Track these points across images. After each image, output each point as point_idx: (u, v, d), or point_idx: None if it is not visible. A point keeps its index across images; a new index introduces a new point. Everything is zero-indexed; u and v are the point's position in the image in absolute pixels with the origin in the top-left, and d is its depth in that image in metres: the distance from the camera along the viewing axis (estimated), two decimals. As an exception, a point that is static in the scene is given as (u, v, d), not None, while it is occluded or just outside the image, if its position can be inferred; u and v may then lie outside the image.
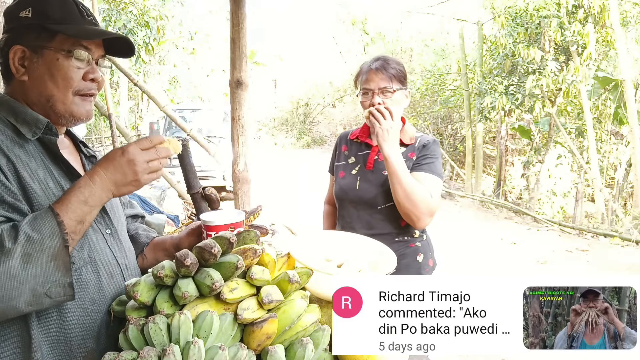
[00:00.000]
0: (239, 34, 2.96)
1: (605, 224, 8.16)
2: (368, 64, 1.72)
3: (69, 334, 0.92)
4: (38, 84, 0.97)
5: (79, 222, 0.85)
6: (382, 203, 1.68)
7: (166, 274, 0.89)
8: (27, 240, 0.78)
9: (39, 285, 0.79)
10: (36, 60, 0.96)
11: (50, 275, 0.80)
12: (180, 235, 1.20)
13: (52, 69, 0.96)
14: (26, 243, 0.78)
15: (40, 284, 0.80)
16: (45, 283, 0.80)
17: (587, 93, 8.71)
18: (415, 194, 1.55)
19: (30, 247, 0.78)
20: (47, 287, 0.80)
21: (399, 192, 1.56)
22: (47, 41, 0.96)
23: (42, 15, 0.95)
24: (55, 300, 0.82)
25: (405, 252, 1.71)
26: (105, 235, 1.04)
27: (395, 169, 1.54)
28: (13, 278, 0.77)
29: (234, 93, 3.07)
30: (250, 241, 1.00)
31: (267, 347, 0.88)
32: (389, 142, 1.56)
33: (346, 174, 1.78)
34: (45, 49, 0.95)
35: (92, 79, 1.00)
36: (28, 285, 0.78)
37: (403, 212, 1.59)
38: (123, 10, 6.82)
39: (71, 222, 0.84)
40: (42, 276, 0.80)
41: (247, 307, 0.89)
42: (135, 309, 0.91)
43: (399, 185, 1.55)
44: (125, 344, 0.84)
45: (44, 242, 0.79)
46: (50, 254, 0.80)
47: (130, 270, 1.08)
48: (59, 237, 0.81)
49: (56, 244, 0.81)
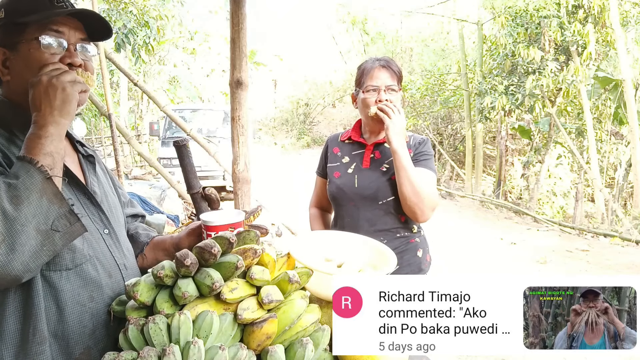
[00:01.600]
0: (239, 34, 2.96)
1: (605, 224, 8.16)
2: (372, 62, 1.74)
3: (67, 330, 0.92)
4: (20, 80, 0.97)
5: (46, 154, 0.85)
6: (382, 198, 1.70)
7: (166, 274, 0.89)
8: (8, 186, 0.79)
9: (42, 223, 0.80)
10: (14, 57, 0.97)
11: (47, 210, 0.81)
12: (180, 235, 1.20)
13: (28, 61, 0.96)
14: (8, 189, 0.79)
15: (43, 221, 0.80)
16: (47, 219, 0.81)
17: (587, 93, 8.72)
18: (422, 188, 1.59)
19: (14, 190, 0.79)
20: (51, 221, 0.81)
21: (406, 186, 1.58)
22: (19, 35, 0.96)
23: (13, 13, 0.96)
24: (66, 232, 0.83)
25: (406, 248, 1.74)
26: (104, 235, 1.04)
27: (403, 163, 1.58)
28: (13, 222, 0.77)
29: (234, 93, 3.06)
30: (250, 241, 1.00)
31: (267, 347, 0.88)
32: (399, 136, 1.60)
33: (342, 174, 1.79)
34: (19, 43, 0.96)
35: (69, 63, 0.98)
36: (31, 225, 0.79)
37: (408, 205, 1.61)
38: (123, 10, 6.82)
39: (40, 157, 0.84)
40: (40, 214, 0.80)
41: (247, 307, 0.89)
42: (135, 309, 0.91)
43: (407, 179, 1.58)
44: (125, 344, 0.84)
45: (25, 182, 0.80)
46: (37, 190, 0.80)
47: (129, 270, 1.08)
48: (36, 172, 0.81)
49: (37, 179, 0.81)
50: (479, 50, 11.16)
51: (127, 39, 6.77)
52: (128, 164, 11.90)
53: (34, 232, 0.79)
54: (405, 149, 1.61)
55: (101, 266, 1.00)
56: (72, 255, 0.94)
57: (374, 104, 1.68)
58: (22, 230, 0.78)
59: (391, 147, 1.60)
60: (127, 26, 6.70)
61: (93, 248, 0.99)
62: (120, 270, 1.05)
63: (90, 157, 1.14)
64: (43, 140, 0.86)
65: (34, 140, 0.85)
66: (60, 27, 0.98)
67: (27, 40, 0.95)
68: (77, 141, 1.14)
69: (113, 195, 1.18)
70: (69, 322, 0.92)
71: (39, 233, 0.80)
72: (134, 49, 7.17)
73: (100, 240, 1.02)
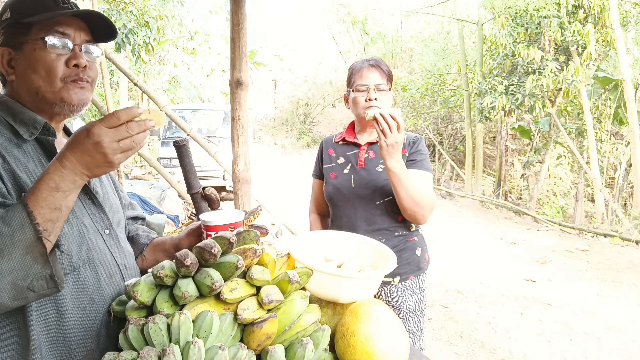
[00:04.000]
0: (239, 34, 2.96)
1: (605, 224, 8.15)
2: (362, 63, 1.76)
3: (68, 334, 0.92)
4: (24, 80, 0.97)
5: (54, 209, 0.79)
6: (379, 198, 1.71)
7: (166, 274, 0.89)
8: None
9: (20, 280, 0.76)
10: (19, 57, 0.97)
11: (28, 268, 0.77)
12: (180, 236, 1.20)
13: (33, 61, 0.96)
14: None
15: (21, 278, 0.76)
16: (26, 277, 0.77)
17: (587, 93, 8.71)
18: (420, 195, 1.59)
19: (1, 242, 0.75)
20: (29, 280, 0.77)
21: (405, 199, 1.58)
22: (24, 36, 0.96)
23: (18, 13, 0.96)
24: (40, 293, 0.80)
25: (405, 247, 1.75)
26: (104, 236, 1.04)
27: (400, 179, 1.54)
28: None
29: (234, 93, 3.06)
30: (250, 241, 1.00)
31: (267, 347, 0.88)
32: (394, 156, 1.50)
33: (338, 174, 1.79)
34: (24, 43, 0.96)
35: (75, 64, 0.98)
36: (7, 279, 0.75)
37: (409, 214, 1.62)
38: (123, 10, 6.82)
39: (44, 211, 0.78)
40: (20, 270, 0.76)
41: (247, 307, 0.89)
42: (135, 309, 0.91)
43: (405, 193, 1.57)
44: (125, 344, 0.84)
45: (14, 235, 0.76)
46: (23, 246, 0.76)
47: (129, 271, 1.08)
48: (29, 228, 0.76)
49: (28, 236, 0.76)
50: (479, 50, 11.15)
51: (127, 39, 6.77)
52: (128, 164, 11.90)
53: (8, 286, 0.76)
54: (401, 166, 1.54)
55: (101, 267, 0.99)
56: (69, 260, 0.93)
57: (364, 103, 1.69)
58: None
59: (385, 165, 1.54)
60: (127, 26, 6.70)
61: (93, 249, 0.99)
62: (121, 270, 1.05)
63: None
64: (59, 195, 0.80)
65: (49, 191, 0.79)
66: (65, 28, 0.98)
67: (32, 41, 0.96)
68: None
69: (114, 197, 1.18)
70: (70, 327, 0.92)
71: (14, 287, 0.76)
72: (134, 49, 7.17)
73: (100, 241, 1.02)
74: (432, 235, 1.92)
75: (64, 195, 0.80)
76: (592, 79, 8.54)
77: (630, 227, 7.19)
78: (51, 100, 0.98)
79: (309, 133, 22.17)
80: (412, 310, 1.75)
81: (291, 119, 23.10)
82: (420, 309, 1.77)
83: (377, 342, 0.97)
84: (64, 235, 0.93)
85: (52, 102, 0.98)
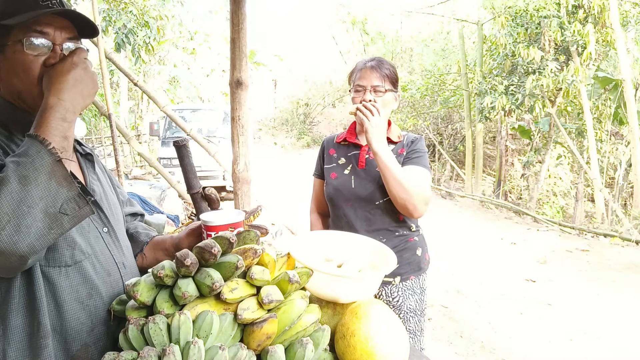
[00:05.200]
0: (239, 34, 2.96)
1: (605, 224, 8.15)
2: (363, 63, 1.76)
3: (65, 326, 0.92)
4: (7, 83, 0.96)
5: (63, 137, 0.84)
6: (379, 198, 1.70)
7: (166, 273, 0.89)
8: (17, 165, 0.77)
9: (50, 206, 0.78)
10: (2, 60, 0.95)
11: (55, 192, 0.79)
12: (180, 235, 1.19)
13: (13, 63, 0.94)
14: (17, 167, 0.76)
15: (51, 204, 0.78)
16: (55, 201, 0.78)
17: (587, 93, 8.71)
18: (408, 184, 1.58)
19: (23, 169, 0.76)
20: (59, 204, 0.79)
21: (392, 184, 1.58)
22: (5, 38, 0.94)
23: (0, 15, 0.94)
24: (74, 216, 0.81)
25: (405, 247, 1.75)
26: (102, 234, 1.03)
27: (385, 163, 1.57)
28: (20, 202, 0.75)
29: (234, 93, 3.07)
30: (250, 241, 1.00)
31: (267, 347, 0.88)
32: (377, 138, 1.59)
33: (339, 175, 1.79)
34: (5, 46, 0.94)
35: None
36: (38, 207, 0.76)
37: (399, 203, 1.61)
38: (123, 10, 6.82)
39: (56, 139, 0.82)
40: (48, 196, 0.78)
41: (247, 307, 0.89)
42: (135, 308, 0.91)
43: (392, 177, 1.57)
44: (125, 344, 0.84)
45: (35, 162, 0.77)
46: (46, 171, 0.78)
47: (128, 269, 1.08)
48: (47, 153, 0.79)
49: (47, 161, 0.79)
50: (479, 50, 11.16)
51: (127, 39, 6.77)
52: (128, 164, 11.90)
53: (41, 215, 0.77)
54: (386, 149, 1.59)
55: (100, 265, 1.00)
56: (71, 252, 0.93)
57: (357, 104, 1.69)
58: (28, 212, 0.75)
59: (371, 149, 1.60)
60: (127, 26, 6.70)
61: (92, 246, 0.99)
62: (119, 268, 1.05)
63: (89, 156, 1.14)
64: (66, 125, 0.85)
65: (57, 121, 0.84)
66: (44, 27, 0.95)
67: (13, 42, 0.93)
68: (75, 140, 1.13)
69: (112, 194, 1.18)
70: (67, 319, 0.92)
71: (47, 215, 0.78)
72: (134, 49, 7.17)
73: (99, 239, 1.02)
74: (432, 236, 1.92)
75: (69, 126, 0.86)
76: (592, 79, 8.54)
77: (630, 227, 7.19)
78: (32, 105, 0.96)
79: (309, 133, 22.18)
80: (412, 310, 1.75)
81: (291, 119, 23.11)
82: (420, 309, 1.78)
83: (377, 342, 0.97)
84: None
85: (34, 107, 0.96)
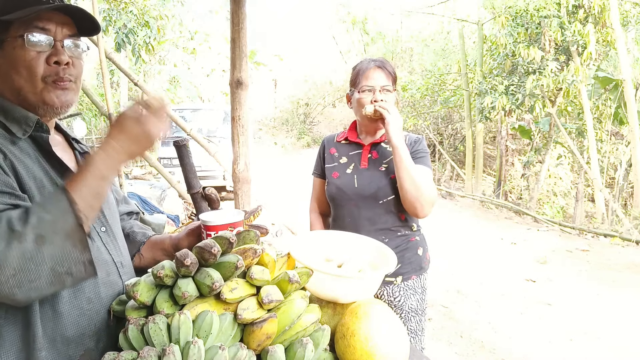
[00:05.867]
0: (239, 34, 2.96)
1: (606, 224, 8.15)
2: (367, 63, 1.75)
3: (65, 334, 0.91)
4: (6, 79, 0.94)
5: (96, 196, 0.83)
6: (383, 197, 1.71)
7: (166, 273, 0.89)
8: (38, 222, 0.76)
9: (58, 265, 0.77)
10: (1, 56, 0.93)
11: (68, 254, 0.78)
12: (179, 235, 1.19)
13: (13, 59, 0.92)
14: (38, 225, 0.76)
15: (59, 263, 0.77)
16: (64, 262, 0.78)
17: (587, 93, 8.71)
18: (422, 182, 1.61)
19: (43, 229, 0.76)
20: (67, 266, 0.78)
21: (407, 180, 1.59)
22: (4, 33, 0.92)
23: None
24: (77, 278, 0.81)
25: (407, 247, 1.76)
26: (100, 233, 1.03)
27: (404, 158, 1.60)
28: (29, 261, 0.74)
29: (234, 93, 3.06)
30: (250, 241, 1.00)
31: (267, 347, 0.88)
32: (399, 133, 1.62)
33: (341, 174, 1.79)
34: (4, 41, 0.93)
35: (56, 62, 0.94)
36: (46, 266, 0.76)
37: (409, 200, 1.62)
38: (123, 10, 6.82)
39: (87, 198, 0.81)
40: (59, 256, 0.77)
41: (247, 307, 0.89)
42: (135, 308, 0.91)
43: (408, 174, 1.59)
44: (125, 344, 0.84)
45: (57, 223, 0.77)
46: (65, 233, 0.78)
47: (126, 268, 1.07)
48: (71, 215, 0.78)
49: (70, 223, 0.78)
50: (479, 50, 11.15)
51: (127, 39, 6.77)
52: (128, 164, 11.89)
53: (47, 272, 0.77)
54: (404, 145, 1.63)
55: (98, 266, 0.99)
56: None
57: (369, 104, 1.70)
58: (35, 270, 0.75)
59: (392, 143, 1.61)
60: (127, 26, 6.70)
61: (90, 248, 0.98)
62: (118, 268, 1.04)
63: (87, 154, 1.13)
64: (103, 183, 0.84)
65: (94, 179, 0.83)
66: (46, 23, 0.93)
67: (13, 38, 0.92)
68: (73, 138, 1.13)
69: (109, 194, 1.18)
70: (67, 327, 0.91)
71: (52, 273, 0.77)
72: (134, 48, 7.17)
73: (97, 239, 1.01)
74: (432, 236, 1.92)
75: (106, 183, 0.85)
76: (592, 79, 8.54)
77: (630, 227, 7.18)
78: (33, 102, 0.95)
79: (309, 133, 22.16)
80: (414, 310, 1.75)
81: (291, 119, 23.09)
82: (421, 308, 1.78)
83: (377, 342, 0.97)
84: None
85: (35, 104, 0.96)
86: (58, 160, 0.98)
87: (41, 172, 0.93)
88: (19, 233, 0.74)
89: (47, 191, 0.92)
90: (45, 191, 0.92)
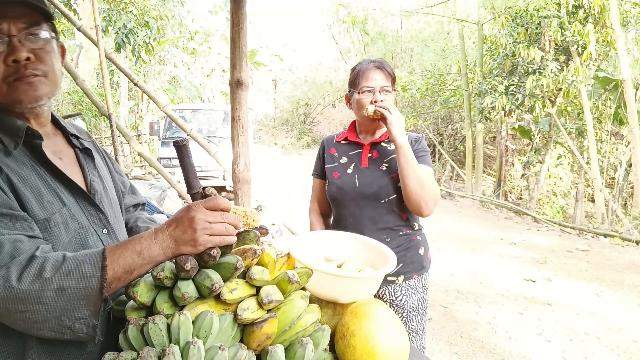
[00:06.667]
0: (239, 34, 2.96)
1: (606, 224, 8.16)
2: (367, 64, 1.76)
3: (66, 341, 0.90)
4: None
5: (127, 271, 0.82)
6: (384, 197, 1.71)
7: (166, 275, 0.89)
8: (67, 275, 0.78)
9: (66, 317, 0.79)
10: None
11: (78, 311, 0.80)
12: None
13: None
14: (65, 277, 0.78)
15: (67, 316, 0.79)
16: (72, 317, 0.80)
17: (587, 93, 8.71)
18: (426, 181, 1.61)
19: (67, 283, 0.78)
20: (72, 321, 0.80)
21: (412, 179, 1.59)
22: None
23: None
24: (76, 335, 0.81)
25: (409, 246, 1.76)
26: (102, 236, 1.02)
27: (408, 157, 1.59)
28: (42, 305, 0.77)
29: (234, 93, 3.06)
30: (250, 241, 1.00)
31: (267, 347, 0.88)
32: (402, 132, 1.62)
33: (341, 174, 1.79)
34: None
35: (14, 60, 0.88)
36: (55, 314, 0.78)
37: (414, 199, 1.62)
38: (123, 11, 6.82)
39: (118, 269, 0.82)
40: (70, 311, 0.79)
41: (247, 307, 0.89)
42: (135, 309, 0.91)
43: (413, 172, 1.59)
44: (125, 344, 0.84)
45: (82, 282, 0.79)
46: (85, 293, 0.79)
47: None
48: (98, 280, 0.79)
49: (93, 286, 0.79)
50: (479, 50, 11.16)
51: (127, 39, 6.77)
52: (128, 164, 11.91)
53: (53, 321, 0.79)
54: (408, 144, 1.63)
55: None
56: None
57: (369, 105, 1.70)
58: (44, 315, 0.78)
59: (395, 142, 1.60)
60: (127, 26, 6.70)
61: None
62: None
63: (88, 150, 1.11)
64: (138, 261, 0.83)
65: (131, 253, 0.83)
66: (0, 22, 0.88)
67: None
68: (72, 134, 1.10)
69: (112, 189, 1.16)
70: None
71: (57, 323, 0.79)
72: (134, 49, 7.18)
73: (98, 242, 1.01)
74: (432, 235, 1.92)
75: (141, 262, 0.83)
76: (592, 79, 8.55)
77: (630, 227, 7.19)
78: (5, 104, 0.92)
79: (309, 133, 22.17)
80: (415, 309, 1.75)
81: (291, 119, 23.10)
82: (423, 307, 1.78)
83: (377, 342, 0.97)
84: (61, 242, 0.91)
85: (7, 106, 0.92)
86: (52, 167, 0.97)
87: (38, 180, 0.92)
88: (46, 280, 0.77)
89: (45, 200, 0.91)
90: (44, 201, 0.90)
